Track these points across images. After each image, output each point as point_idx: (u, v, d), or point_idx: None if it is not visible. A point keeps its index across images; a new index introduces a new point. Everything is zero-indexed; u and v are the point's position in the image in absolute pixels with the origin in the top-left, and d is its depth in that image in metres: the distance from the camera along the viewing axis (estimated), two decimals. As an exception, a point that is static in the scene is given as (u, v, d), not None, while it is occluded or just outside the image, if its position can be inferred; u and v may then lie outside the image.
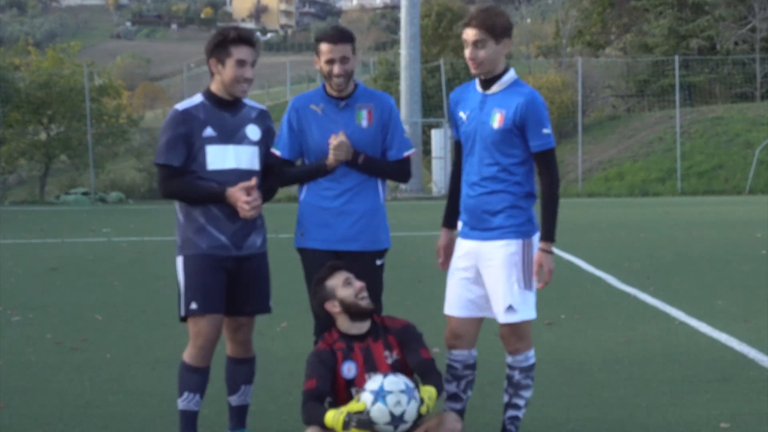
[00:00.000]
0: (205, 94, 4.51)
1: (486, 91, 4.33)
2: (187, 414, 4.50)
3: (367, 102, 4.60)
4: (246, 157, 4.49)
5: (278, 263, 5.63)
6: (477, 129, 4.32)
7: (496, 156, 4.27)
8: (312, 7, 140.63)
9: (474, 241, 4.35)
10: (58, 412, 5.32)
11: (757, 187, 26.48)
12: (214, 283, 4.41)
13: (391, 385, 3.92)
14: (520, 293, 4.28)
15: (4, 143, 28.63)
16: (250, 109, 4.58)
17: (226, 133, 4.45)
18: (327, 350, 4.24)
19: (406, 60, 28.31)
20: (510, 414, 4.45)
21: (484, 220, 4.30)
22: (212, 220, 4.41)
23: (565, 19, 46.86)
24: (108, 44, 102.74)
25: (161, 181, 4.47)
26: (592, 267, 10.99)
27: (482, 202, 4.30)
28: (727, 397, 5.41)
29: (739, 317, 7.81)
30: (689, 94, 35.89)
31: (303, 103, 4.63)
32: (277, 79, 63.51)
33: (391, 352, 4.26)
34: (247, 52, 4.41)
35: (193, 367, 4.46)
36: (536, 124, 4.23)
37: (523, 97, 4.24)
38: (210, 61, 4.44)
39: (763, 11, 38.29)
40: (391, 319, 4.37)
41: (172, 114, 4.47)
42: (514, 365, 4.42)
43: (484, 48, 4.22)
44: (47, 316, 8.37)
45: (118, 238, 15.43)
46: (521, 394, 4.43)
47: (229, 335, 4.63)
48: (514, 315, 4.29)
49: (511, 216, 4.27)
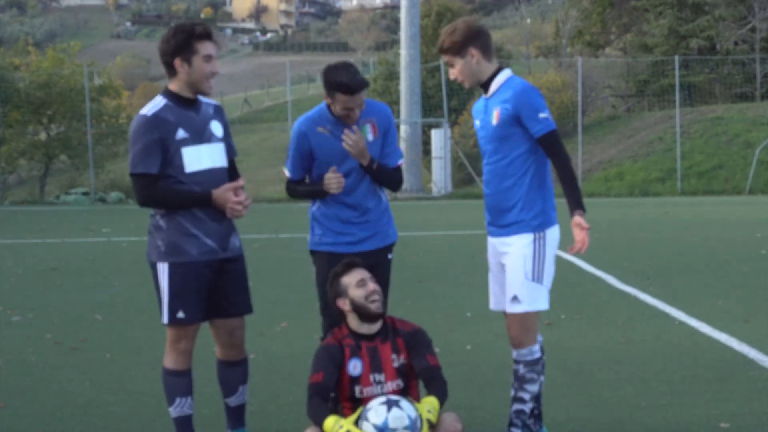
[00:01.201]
0: (167, 94, 4.37)
1: (487, 95, 4.52)
2: (183, 419, 4.47)
3: (369, 116, 4.69)
4: (218, 154, 4.44)
5: (278, 263, 5.63)
6: (484, 131, 4.50)
7: (503, 150, 4.40)
8: (312, 7, 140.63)
9: (496, 238, 4.52)
10: (58, 412, 5.33)
11: (757, 187, 26.47)
12: (201, 292, 4.37)
13: (395, 422, 3.90)
14: (527, 284, 4.36)
15: (4, 143, 28.63)
16: (206, 105, 4.49)
17: (196, 132, 4.35)
18: (336, 345, 4.26)
19: (406, 60, 28.30)
20: (516, 408, 4.48)
21: (502, 217, 4.46)
22: (198, 224, 4.34)
23: (565, 19, 46.86)
24: (108, 44, 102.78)
25: (141, 191, 4.31)
26: (592, 267, 10.99)
27: (498, 200, 4.45)
28: (727, 397, 5.41)
29: (739, 317, 7.81)
30: (689, 94, 35.90)
31: (310, 126, 4.67)
32: (276, 79, 63.57)
33: (398, 355, 4.28)
34: (212, 47, 4.32)
35: (178, 371, 4.43)
36: (531, 111, 4.34)
37: (512, 90, 4.38)
38: (174, 61, 4.28)
39: (763, 11, 38.28)
40: (402, 322, 4.39)
41: (142, 120, 4.28)
42: (518, 359, 4.46)
43: (455, 66, 4.44)
44: (47, 316, 8.37)
45: (118, 238, 15.42)
46: (526, 388, 4.45)
47: (222, 340, 4.56)
48: (519, 306, 4.37)
49: (524, 210, 4.40)
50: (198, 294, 4.36)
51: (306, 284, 8.16)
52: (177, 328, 4.39)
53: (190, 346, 4.43)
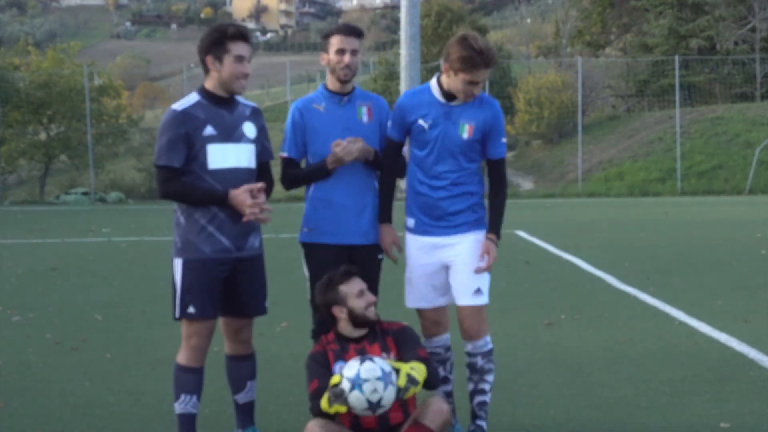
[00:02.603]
0: (201, 92, 4.46)
1: (450, 103, 4.56)
2: (186, 417, 4.47)
3: (366, 101, 4.80)
4: (245, 155, 4.47)
5: (278, 263, 5.63)
6: (442, 137, 4.56)
7: (462, 162, 4.57)
8: (312, 7, 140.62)
9: (437, 237, 4.62)
10: (58, 412, 5.33)
11: (757, 187, 26.47)
12: (213, 289, 4.40)
13: (367, 373, 3.98)
14: (484, 278, 4.60)
15: (4, 143, 28.62)
16: (243, 106, 4.55)
17: (225, 131, 4.41)
18: (320, 351, 4.36)
19: (406, 60, 28.25)
20: (479, 400, 4.63)
21: (449, 218, 4.60)
22: (215, 223, 4.38)
23: (565, 19, 46.89)
24: (108, 44, 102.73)
25: (161, 183, 4.39)
26: (592, 267, 10.99)
27: (448, 204, 4.58)
28: (727, 397, 5.41)
29: (739, 317, 7.81)
30: (689, 94, 35.91)
31: (305, 103, 4.78)
32: (276, 79, 63.48)
33: (388, 354, 4.33)
34: (245, 48, 4.39)
35: (187, 367, 4.45)
36: (498, 135, 4.60)
37: (491, 110, 4.58)
38: (206, 58, 4.39)
39: (763, 11, 38.30)
40: (388, 322, 4.46)
41: (171, 114, 4.37)
42: (475, 351, 4.64)
43: (482, 82, 4.50)
44: (47, 316, 8.37)
45: (118, 238, 15.42)
46: (486, 379, 4.65)
47: (230, 336, 4.62)
48: (482, 297, 4.60)
49: (473, 212, 4.63)
50: (209, 291, 4.38)
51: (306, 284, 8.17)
52: (188, 324, 4.42)
53: (202, 344, 4.45)
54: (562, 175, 29.37)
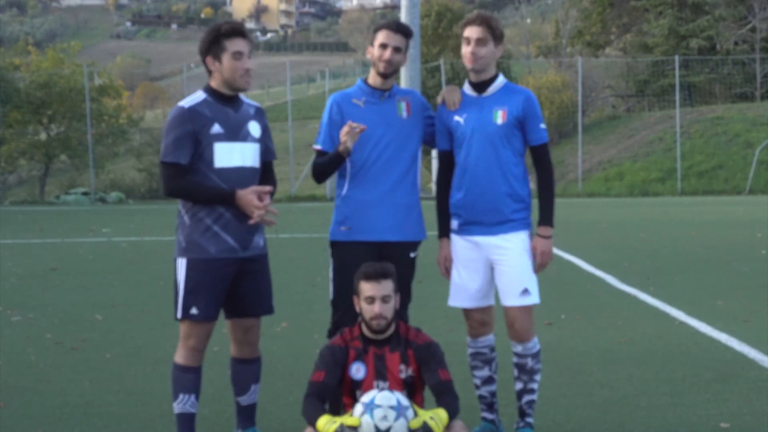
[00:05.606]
0: (207, 90, 4.45)
1: (482, 94, 4.62)
2: (184, 416, 4.46)
3: (404, 96, 4.84)
4: (250, 154, 4.46)
5: (278, 263, 5.62)
6: (477, 128, 4.57)
7: (500, 150, 4.56)
8: (312, 7, 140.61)
9: (481, 237, 4.59)
10: (58, 412, 5.33)
11: (757, 187, 26.47)
12: (217, 290, 4.38)
13: (381, 400, 3.89)
14: (533, 278, 4.58)
15: (4, 143, 28.62)
16: (248, 106, 4.55)
17: (232, 130, 4.40)
18: (341, 346, 4.23)
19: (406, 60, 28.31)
20: (528, 399, 4.65)
21: (493, 215, 4.56)
22: (220, 222, 4.36)
23: (565, 19, 46.85)
24: (108, 44, 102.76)
25: (167, 180, 4.35)
26: (592, 267, 10.99)
27: (492, 202, 4.56)
28: (727, 397, 5.41)
29: (739, 317, 7.80)
30: (689, 94, 35.89)
31: (344, 98, 4.76)
32: (276, 79, 63.45)
33: (407, 366, 4.21)
34: (242, 44, 4.37)
35: (186, 367, 4.44)
36: (535, 120, 4.58)
37: (522, 95, 4.59)
38: (207, 59, 4.39)
39: (763, 11, 38.28)
40: (416, 333, 4.28)
41: (179, 111, 4.34)
42: (525, 353, 4.62)
43: (485, 46, 4.53)
44: (47, 316, 8.37)
45: (118, 238, 15.42)
46: (535, 379, 4.67)
47: (237, 337, 4.59)
48: (530, 297, 4.56)
49: (517, 210, 4.59)
50: (213, 292, 4.37)
51: (306, 284, 8.17)
52: (189, 325, 4.40)
53: (200, 345, 4.44)
54: (562, 175, 29.36)
